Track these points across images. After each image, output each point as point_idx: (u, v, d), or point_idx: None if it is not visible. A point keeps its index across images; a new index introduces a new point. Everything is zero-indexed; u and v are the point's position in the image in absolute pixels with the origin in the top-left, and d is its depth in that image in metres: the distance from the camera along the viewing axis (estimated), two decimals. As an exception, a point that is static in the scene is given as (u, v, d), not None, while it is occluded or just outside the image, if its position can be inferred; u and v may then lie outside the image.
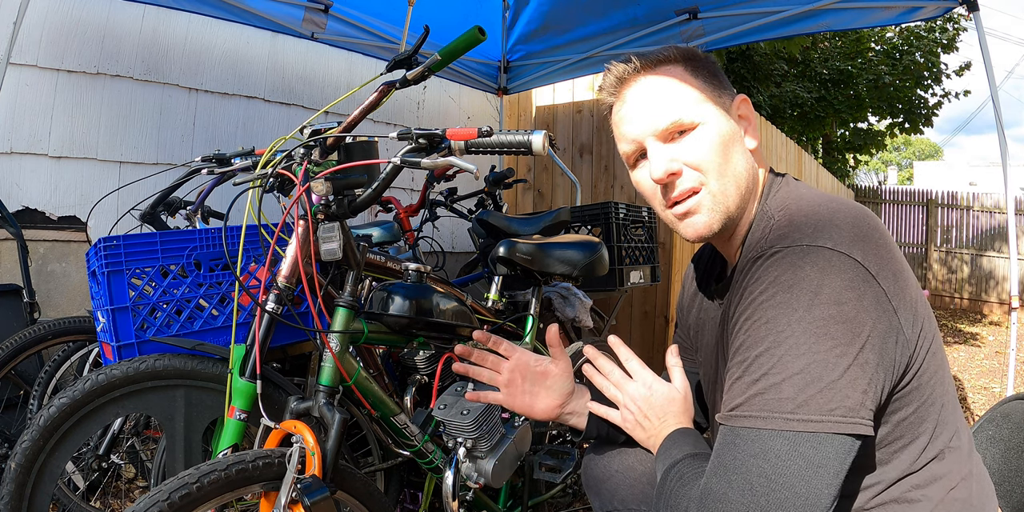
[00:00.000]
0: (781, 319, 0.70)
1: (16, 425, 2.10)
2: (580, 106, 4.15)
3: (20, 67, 2.43)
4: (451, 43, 1.26)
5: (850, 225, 0.74)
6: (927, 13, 2.77)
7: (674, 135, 0.86)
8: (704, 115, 0.85)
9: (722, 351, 0.89)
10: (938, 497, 0.77)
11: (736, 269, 0.84)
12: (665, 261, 3.67)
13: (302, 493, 1.03)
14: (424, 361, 1.57)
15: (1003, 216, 8.96)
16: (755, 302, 0.73)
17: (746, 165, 0.87)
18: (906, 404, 0.75)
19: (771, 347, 0.70)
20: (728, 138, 0.85)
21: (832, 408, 0.67)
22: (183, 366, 1.36)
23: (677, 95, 0.85)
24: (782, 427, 0.67)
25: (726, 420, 0.73)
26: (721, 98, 0.87)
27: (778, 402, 0.68)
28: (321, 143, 1.32)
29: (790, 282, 0.71)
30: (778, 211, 0.81)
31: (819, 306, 0.69)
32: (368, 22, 3.29)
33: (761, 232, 0.81)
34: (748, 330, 0.73)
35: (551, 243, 2.00)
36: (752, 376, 0.71)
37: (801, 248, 0.72)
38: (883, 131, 10.93)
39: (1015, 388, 3.49)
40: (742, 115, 0.88)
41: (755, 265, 0.76)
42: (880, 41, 9.94)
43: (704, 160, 0.84)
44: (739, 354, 0.73)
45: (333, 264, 1.34)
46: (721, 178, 0.84)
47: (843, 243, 0.71)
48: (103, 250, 1.39)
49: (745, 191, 0.86)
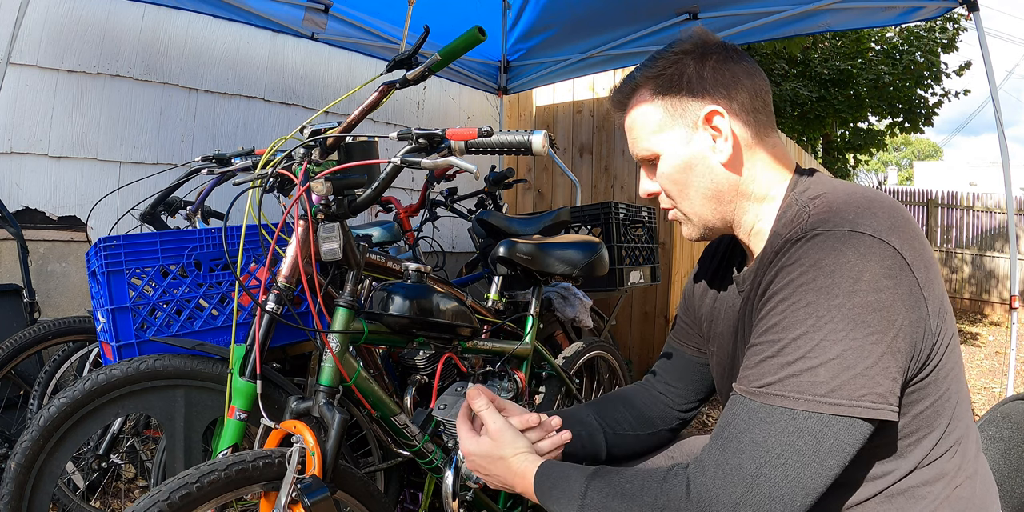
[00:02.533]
0: (821, 303, 0.71)
1: (16, 425, 2.10)
2: (580, 106, 4.15)
3: (20, 67, 2.43)
4: (451, 43, 1.26)
5: (887, 214, 0.75)
6: (927, 13, 2.77)
7: (648, 161, 0.94)
8: (660, 145, 0.91)
9: (743, 336, 0.89)
10: (944, 494, 0.78)
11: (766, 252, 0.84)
12: (665, 261, 3.67)
13: (302, 493, 1.03)
14: (424, 361, 1.56)
15: (1003, 216, 8.96)
16: (794, 283, 0.74)
17: (714, 182, 0.89)
18: (924, 396, 0.76)
19: (809, 331, 0.71)
20: (686, 164, 0.90)
21: (864, 394, 0.69)
22: (183, 366, 1.36)
23: (638, 129, 0.93)
24: (815, 409, 0.69)
25: (754, 396, 0.73)
26: (684, 116, 0.88)
27: (813, 385, 0.70)
28: (321, 143, 1.32)
29: (832, 267, 0.71)
30: (812, 200, 0.82)
31: (859, 293, 0.70)
32: (368, 22, 3.29)
33: (795, 218, 0.81)
34: (785, 311, 0.73)
35: (551, 243, 2.00)
36: (788, 357, 0.72)
37: (843, 232, 0.73)
38: (883, 131, 10.93)
39: (1015, 388, 3.49)
40: (713, 127, 0.87)
41: (794, 246, 0.76)
42: (880, 41, 9.94)
43: (667, 187, 0.93)
44: (772, 333, 0.74)
45: (333, 264, 1.34)
46: (685, 200, 0.92)
47: (882, 230, 0.73)
48: (103, 250, 1.39)
49: (719, 203, 0.90)
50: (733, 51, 0.89)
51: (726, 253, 1.05)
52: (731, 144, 0.87)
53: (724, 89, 0.87)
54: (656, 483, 0.76)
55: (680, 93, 0.88)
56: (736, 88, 0.87)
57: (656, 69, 0.90)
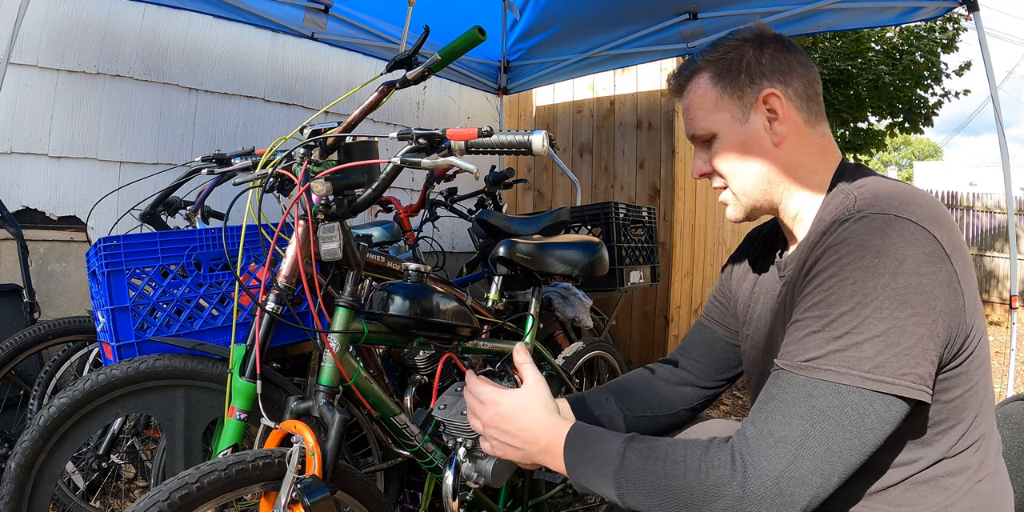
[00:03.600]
0: (868, 281, 0.72)
1: (16, 425, 2.10)
2: (580, 106, 4.15)
3: (20, 67, 2.43)
4: (451, 43, 1.26)
5: (929, 207, 0.78)
6: (927, 13, 2.77)
7: (703, 142, 0.97)
8: (718, 124, 0.94)
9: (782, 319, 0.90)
10: (966, 487, 0.80)
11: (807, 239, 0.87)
12: (665, 261, 3.67)
13: (302, 493, 1.03)
14: (424, 361, 1.56)
15: (1003, 216, 8.96)
16: (840, 261, 0.75)
17: (767, 163, 0.92)
18: (954, 385, 0.78)
19: (855, 307, 0.72)
20: (741, 143, 0.93)
21: (904, 373, 0.71)
22: (183, 366, 1.36)
23: (696, 109, 0.96)
24: (859, 384, 0.71)
25: (799, 370, 0.74)
26: (742, 99, 0.92)
27: (858, 360, 0.71)
28: (321, 143, 1.32)
29: (878, 247, 0.73)
30: (858, 188, 0.84)
31: (903, 275, 0.72)
32: (368, 22, 3.29)
33: (841, 203, 0.83)
34: (832, 287, 0.75)
35: (551, 243, 2.00)
36: (834, 332, 0.73)
37: (889, 217, 0.75)
38: (883, 131, 10.92)
39: (1015, 388, 3.50)
40: (770, 108, 0.91)
41: (842, 226, 0.78)
42: (880, 41, 9.94)
43: (721, 167, 0.95)
44: (818, 309, 0.75)
45: (333, 264, 1.34)
46: (736, 181, 0.95)
47: (925, 219, 0.75)
48: (103, 250, 1.39)
49: (769, 185, 0.93)
50: (789, 43, 0.94)
51: (768, 239, 1.07)
52: (785, 127, 0.91)
53: (781, 75, 0.91)
54: (699, 450, 0.76)
55: (739, 76, 0.92)
56: (792, 75, 0.92)
57: (717, 53, 0.95)
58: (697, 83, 0.96)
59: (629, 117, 3.90)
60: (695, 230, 3.95)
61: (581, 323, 2.42)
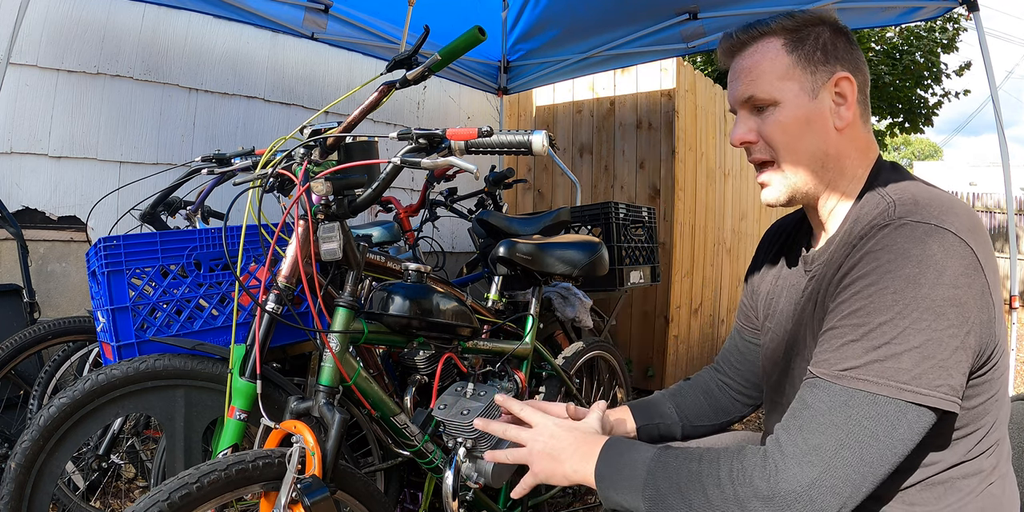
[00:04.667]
0: (908, 292, 0.72)
1: (16, 425, 2.10)
2: (580, 106, 4.15)
3: (20, 67, 2.43)
4: (451, 43, 1.26)
5: (966, 216, 0.77)
6: (927, 13, 2.77)
7: (757, 107, 0.92)
8: (783, 93, 0.89)
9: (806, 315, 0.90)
10: (979, 489, 0.81)
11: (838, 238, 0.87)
12: (665, 261, 3.67)
13: (302, 493, 1.03)
14: (424, 361, 1.56)
15: (1003, 216, 8.96)
16: (881, 269, 0.75)
17: (825, 144, 0.90)
18: (979, 393, 0.79)
19: (895, 318, 0.72)
20: (806, 118, 0.89)
21: (939, 384, 0.71)
22: (183, 366, 1.36)
23: (761, 72, 0.90)
24: (896, 395, 0.71)
25: (837, 379, 0.74)
26: (815, 74, 0.89)
27: (896, 371, 0.71)
28: (321, 143, 1.32)
29: (919, 257, 0.73)
30: (895, 190, 0.83)
31: (942, 287, 0.72)
32: (368, 22, 3.29)
33: (877, 206, 0.83)
34: (872, 295, 0.74)
35: (551, 243, 2.00)
36: (873, 342, 0.73)
37: (930, 226, 0.75)
38: (883, 131, 10.92)
39: (1015, 388, 3.50)
40: (839, 92, 0.89)
41: (882, 231, 0.77)
42: (880, 41, 9.94)
43: (776, 138, 0.90)
44: (856, 317, 0.75)
45: (333, 264, 1.34)
46: (790, 156, 0.90)
47: (963, 230, 0.75)
48: (103, 250, 1.39)
49: (821, 168, 0.90)
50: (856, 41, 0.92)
51: (792, 232, 1.07)
52: (851, 113, 0.90)
53: (852, 64, 0.90)
54: (733, 453, 0.77)
55: (815, 52, 0.89)
56: (859, 68, 0.91)
57: (793, 23, 0.91)
58: (767, 46, 0.91)
59: (629, 117, 3.90)
60: (695, 230, 3.95)
61: (581, 323, 2.42)
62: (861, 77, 0.91)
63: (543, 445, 0.93)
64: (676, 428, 1.16)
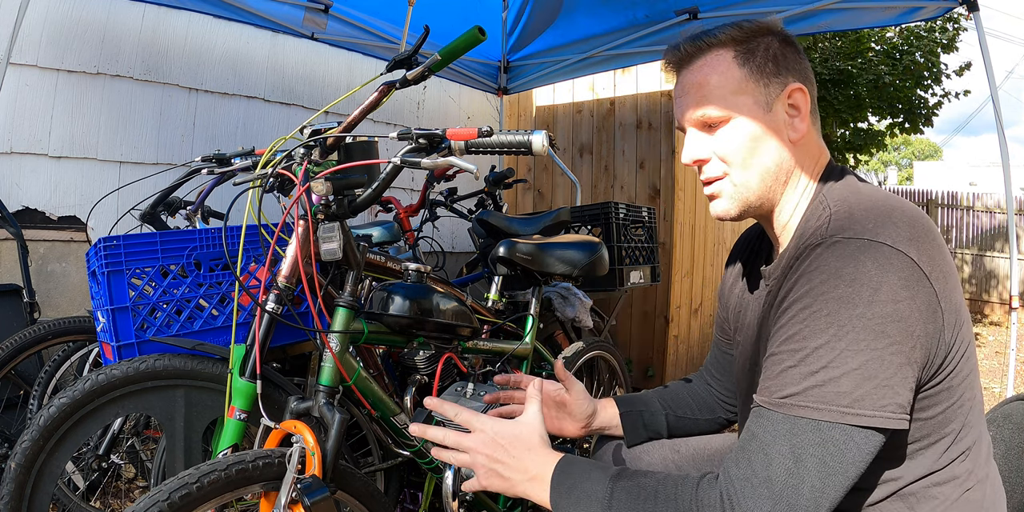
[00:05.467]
0: (842, 313, 0.71)
1: (16, 425, 2.10)
2: (580, 106, 4.15)
3: (20, 67, 2.43)
4: (451, 43, 1.26)
5: (907, 224, 0.75)
6: (927, 13, 2.77)
7: (708, 125, 0.89)
8: (738, 108, 0.86)
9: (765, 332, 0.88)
10: (954, 496, 0.79)
11: (787, 253, 0.85)
12: (665, 261, 3.67)
13: (302, 493, 1.03)
14: (424, 361, 1.56)
15: (1003, 216, 8.96)
16: (814, 291, 0.73)
17: (780, 158, 0.88)
18: (935, 403, 0.77)
19: (831, 340, 0.71)
20: (761, 132, 0.86)
21: (884, 404, 0.70)
22: (183, 366, 1.36)
23: (713, 88, 0.87)
24: (839, 420, 0.70)
25: (778, 407, 0.73)
26: (768, 87, 0.87)
27: (836, 395, 0.70)
28: (321, 143, 1.32)
29: (852, 276, 0.71)
30: (835, 202, 0.82)
31: (878, 304, 0.70)
32: (368, 22, 3.29)
33: (818, 220, 0.81)
34: (806, 320, 0.73)
35: (551, 243, 2.00)
36: (810, 367, 0.71)
37: (862, 241, 0.73)
38: (883, 131, 10.93)
39: (1015, 388, 3.50)
40: (793, 104, 0.88)
41: (814, 252, 0.76)
42: (880, 41, 9.93)
43: (729, 153, 0.87)
44: (793, 342, 0.74)
45: (333, 264, 1.34)
46: (744, 171, 0.88)
47: (901, 241, 0.73)
48: (103, 250, 1.39)
49: (774, 182, 0.88)
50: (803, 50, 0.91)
51: (756, 244, 1.05)
52: (805, 124, 0.88)
53: (802, 74, 0.89)
54: (690, 489, 0.75)
55: (766, 63, 0.87)
56: (808, 77, 0.90)
57: (743, 33, 0.88)
58: (717, 58, 0.87)
59: (629, 117, 3.90)
60: (695, 230, 3.95)
61: (581, 323, 2.42)
62: (811, 87, 0.89)
63: (484, 459, 0.87)
64: (660, 416, 1.16)
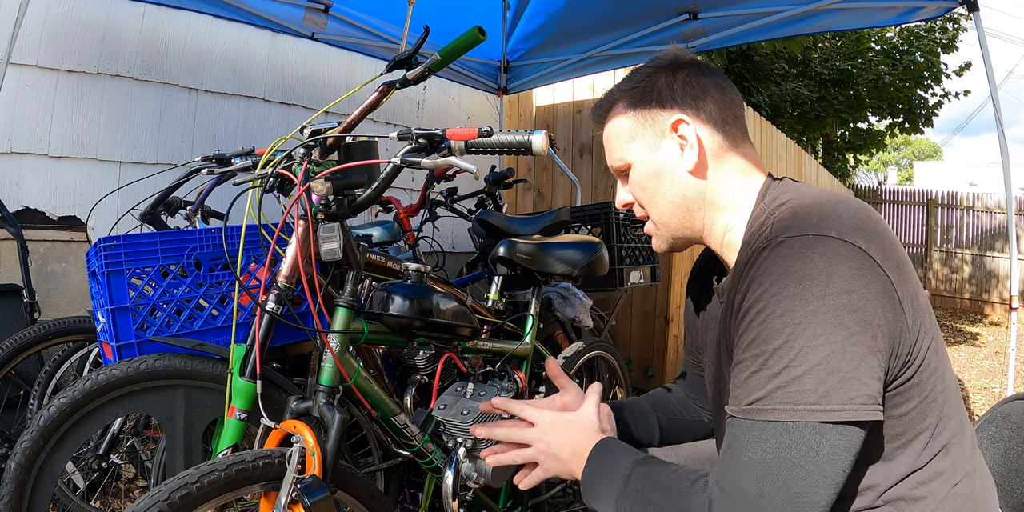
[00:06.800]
0: (796, 311, 0.70)
1: (16, 425, 2.10)
2: (580, 106, 4.15)
3: (20, 67, 2.43)
4: (451, 43, 1.26)
5: (852, 216, 0.75)
6: (927, 13, 2.77)
7: (621, 173, 0.98)
8: (632, 154, 0.94)
9: (725, 346, 0.88)
10: (942, 493, 0.78)
11: (736, 265, 0.85)
12: (665, 261, 3.67)
13: (302, 493, 1.03)
14: (424, 361, 1.56)
15: (1003, 216, 8.96)
16: (766, 294, 0.73)
17: (683, 190, 0.91)
18: (907, 399, 0.76)
19: (789, 340, 0.70)
20: (655, 172, 0.93)
21: (852, 397, 0.69)
22: (183, 366, 1.36)
23: (612, 140, 0.96)
24: (808, 419, 0.68)
25: (746, 414, 0.72)
26: (653, 126, 0.92)
27: (801, 394, 0.69)
28: (321, 143, 1.32)
29: (801, 273, 0.71)
30: (776, 207, 0.82)
31: (831, 296, 0.69)
32: (368, 22, 3.29)
33: (761, 228, 0.81)
34: (763, 323, 0.72)
35: (551, 243, 2.00)
36: (772, 370, 0.71)
37: (807, 237, 0.73)
38: (883, 131, 10.93)
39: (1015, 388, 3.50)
40: (680, 135, 0.90)
41: (760, 255, 0.76)
42: (880, 41, 9.95)
43: (638, 195, 0.96)
44: (754, 347, 0.73)
45: (333, 264, 1.34)
46: (654, 210, 0.95)
47: (847, 232, 0.72)
48: (103, 250, 1.39)
49: (687, 212, 0.93)
50: (705, 67, 0.93)
51: (711, 265, 1.06)
52: (696, 152, 0.90)
53: (692, 100, 0.90)
54: (686, 487, 0.76)
55: (650, 104, 0.91)
56: (704, 99, 0.90)
57: (631, 83, 0.94)
58: (615, 112, 0.95)
59: (629, 117, 3.90)
60: (695, 230, 3.95)
61: (581, 323, 2.42)
62: (711, 106, 0.90)
63: (547, 445, 0.94)
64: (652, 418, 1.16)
